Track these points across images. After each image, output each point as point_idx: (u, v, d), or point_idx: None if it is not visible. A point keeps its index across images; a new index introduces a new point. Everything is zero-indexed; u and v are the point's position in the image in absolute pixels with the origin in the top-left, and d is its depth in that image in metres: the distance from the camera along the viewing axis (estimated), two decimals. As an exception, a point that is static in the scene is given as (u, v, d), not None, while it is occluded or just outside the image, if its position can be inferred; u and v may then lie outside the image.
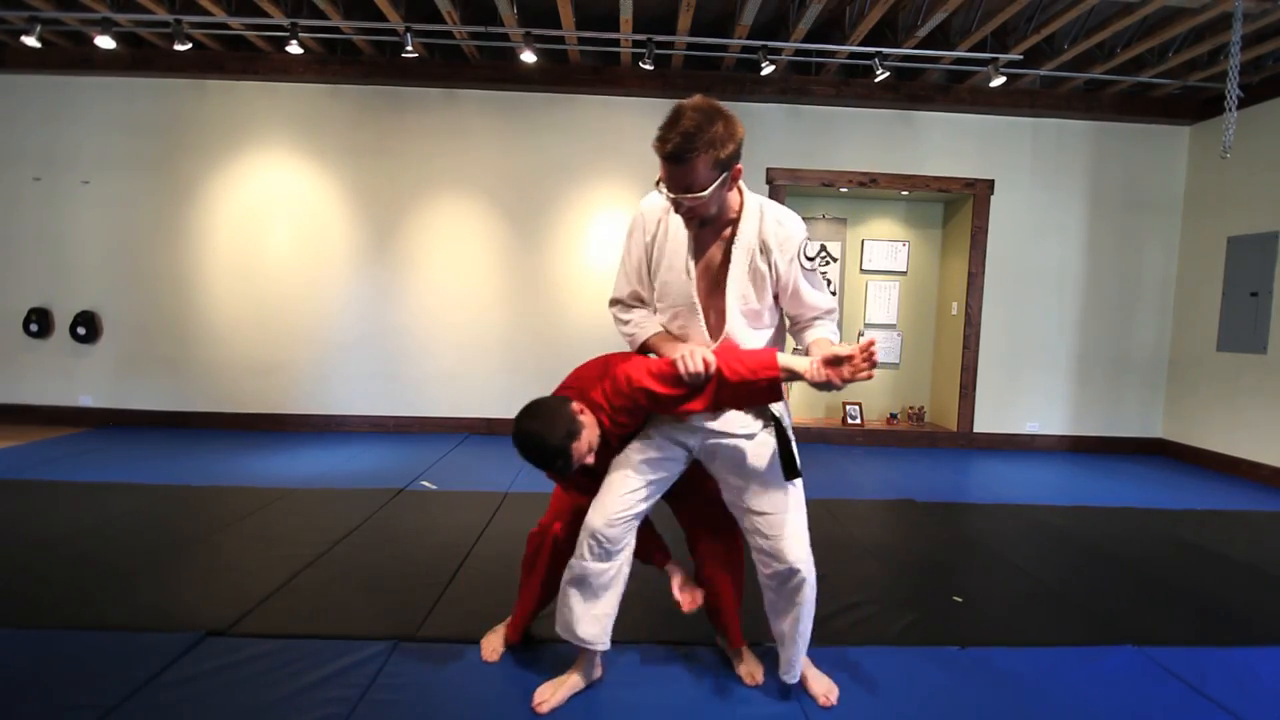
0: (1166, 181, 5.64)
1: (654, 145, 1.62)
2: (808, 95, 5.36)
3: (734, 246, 1.77)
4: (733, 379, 1.70)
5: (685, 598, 1.96)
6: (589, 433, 1.76)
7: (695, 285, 1.80)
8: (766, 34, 4.88)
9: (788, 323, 1.94)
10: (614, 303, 1.99)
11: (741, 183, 1.76)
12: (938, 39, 4.81)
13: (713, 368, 1.70)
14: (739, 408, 1.80)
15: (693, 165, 1.58)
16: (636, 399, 1.75)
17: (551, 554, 2.05)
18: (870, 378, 1.65)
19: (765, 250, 1.77)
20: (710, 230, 1.80)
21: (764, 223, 1.77)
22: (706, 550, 2.05)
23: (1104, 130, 5.58)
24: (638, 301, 1.94)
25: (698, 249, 1.81)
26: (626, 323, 1.94)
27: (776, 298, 1.84)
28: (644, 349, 1.91)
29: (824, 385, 1.66)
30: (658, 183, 1.67)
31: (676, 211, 1.73)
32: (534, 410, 1.76)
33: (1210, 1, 3.85)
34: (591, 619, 1.85)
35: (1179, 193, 5.65)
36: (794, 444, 1.84)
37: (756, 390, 1.71)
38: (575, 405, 1.77)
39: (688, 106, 1.61)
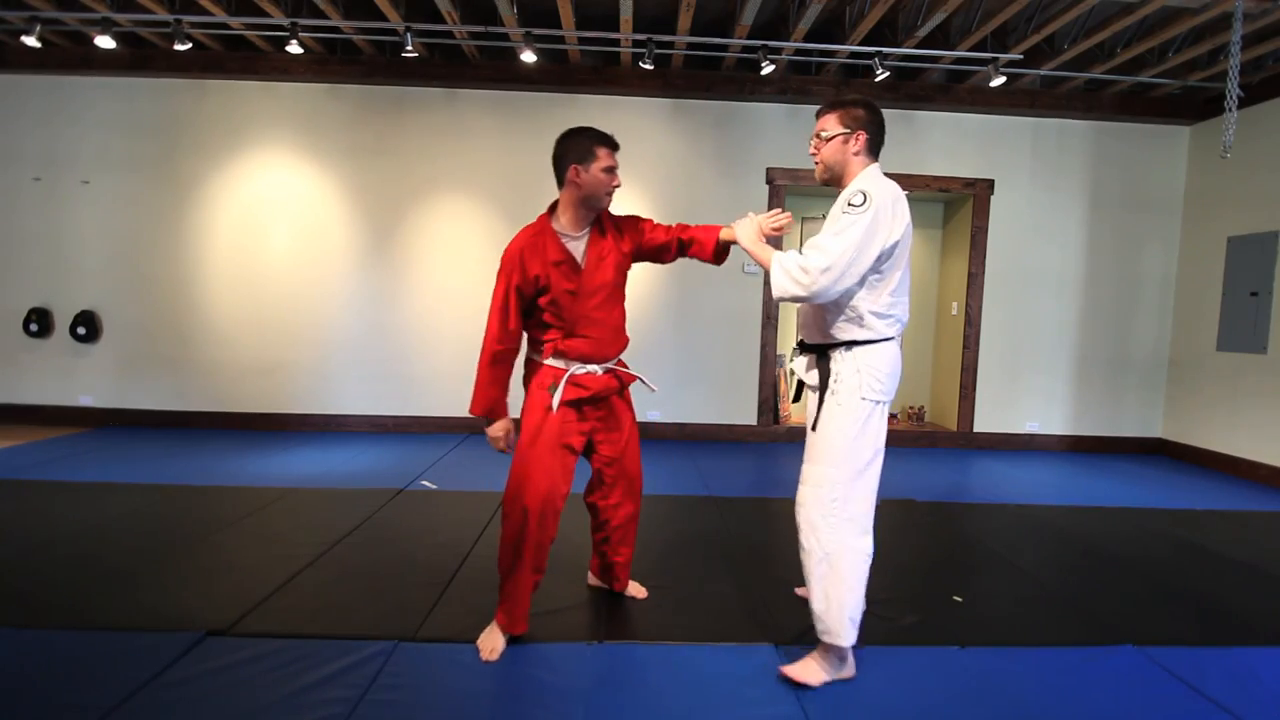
0: (1166, 181, 5.64)
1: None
2: (808, 95, 5.36)
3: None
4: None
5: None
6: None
7: None
8: (766, 34, 4.88)
9: None
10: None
11: (876, 173, 2.06)
12: (938, 39, 4.81)
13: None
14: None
15: (824, 117, 2.10)
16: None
17: (538, 528, 2.10)
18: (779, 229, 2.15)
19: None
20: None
21: (858, 183, 2.02)
22: (617, 500, 2.40)
23: (1104, 130, 5.58)
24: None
25: None
26: None
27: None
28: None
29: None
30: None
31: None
32: None
33: (1210, 1, 3.85)
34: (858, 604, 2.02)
35: (1179, 193, 5.65)
36: (827, 405, 2.00)
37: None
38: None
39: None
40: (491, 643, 2.13)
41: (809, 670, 2.01)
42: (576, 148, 2.12)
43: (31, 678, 1.89)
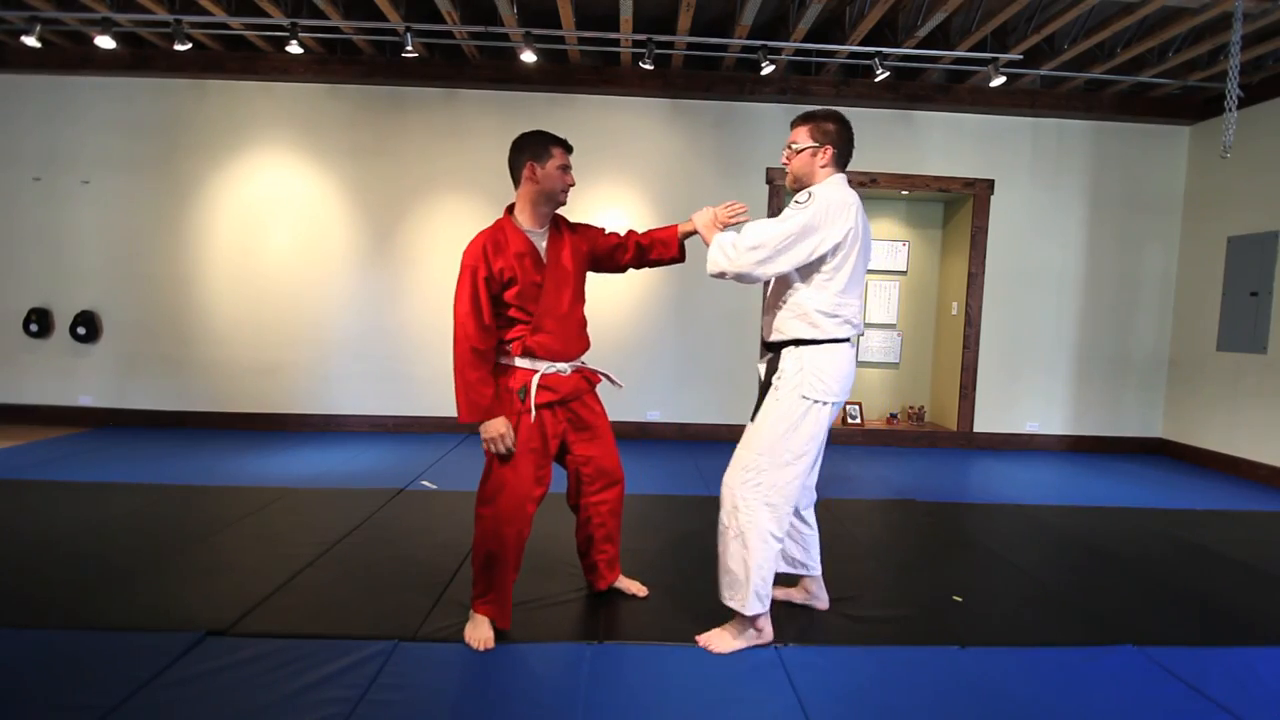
0: (1166, 181, 5.64)
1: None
2: (808, 95, 5.36)
3: None
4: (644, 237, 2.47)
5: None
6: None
7: None
8: (766, 34, 4.88)
9: None
10: None
11: (841, 182, 2.15)
12: (938, 39, 4.81)
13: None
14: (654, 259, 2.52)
15: (796, 129, 2.20)
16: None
17: (514, 532, 2.17)
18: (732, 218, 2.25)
19: None
20: None
21: (816, 187, 2.13)
22: (598, 496, 2.39)
23: (1104, 130, 5.58)
24: None
25: None
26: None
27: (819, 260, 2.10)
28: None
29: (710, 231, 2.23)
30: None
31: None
32: None
33: (1210, 1, 3.85)
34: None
35: (1179, 193, 5.65)
36: (767, 398, 2.14)
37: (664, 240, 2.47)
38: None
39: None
40: (480, 634, 2.15)
41: (721, 639, 2.17)
42: (532, 146, 2.19)
43: (31, 678, 1.89)
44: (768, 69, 4.78)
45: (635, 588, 2.55)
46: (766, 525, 2.08)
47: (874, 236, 6.15)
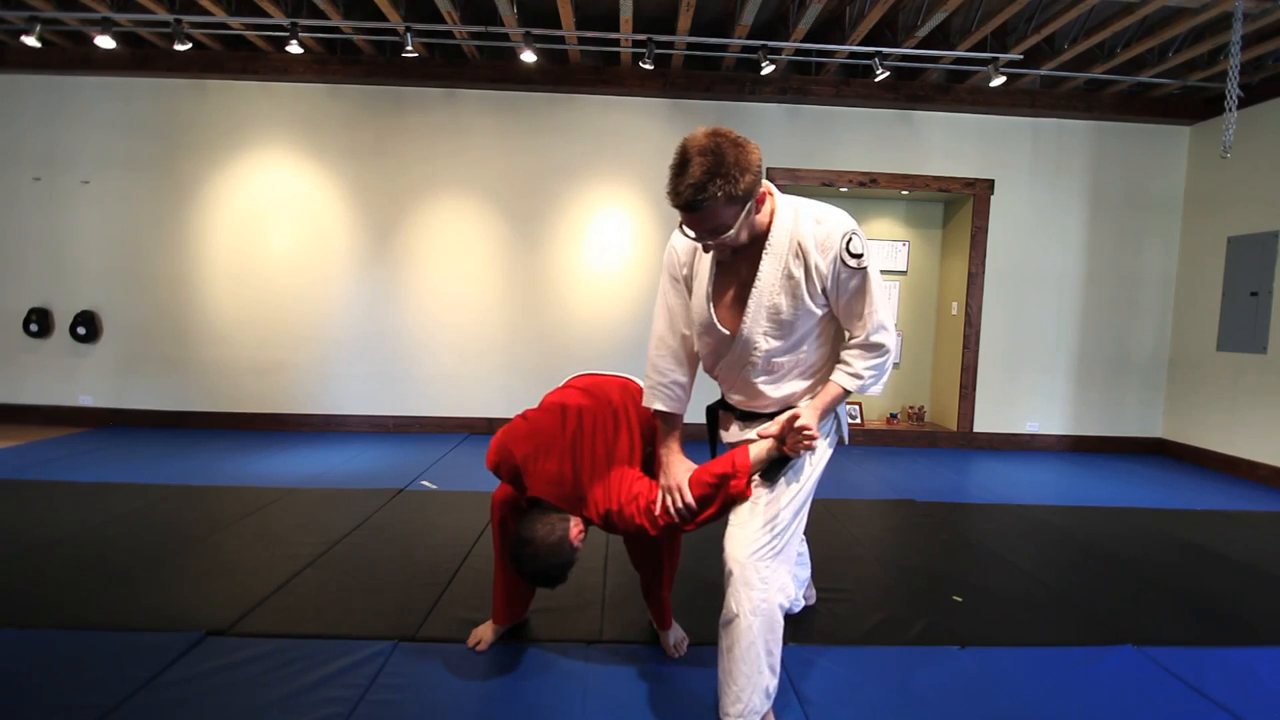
0: (1166, 181, 5.64)
1: (668, 196, 1.54)
2: (808, 95, 5.36)
3: (764, 255, 1.65)
4: (709, 510, 1.82)
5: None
6: (578, 540, 1.85)
7: (713, 310, 1.75)
8: (766, 34, 4.88)
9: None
10: (657, 341, 1.93)
11: (774, 189, 1.69)
12: (938, 39, 4.81)
13: (692, 506, 1.81)
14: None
15: (712, 211, 1.51)
16: (629, 527, 1.86)
17: (499, 522, 2.11)
18: (811, 447, 1.72)
19: (802, 253, 1.63)
20: (743, 254, 1.70)
21: (799, 224, 1.65)
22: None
23: (1104, 130, 5.58)
24: (679, 345, 1.92)
25: (730, 272, 1.73)
26: (649, 378, 1.98)
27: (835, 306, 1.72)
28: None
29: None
30: (680, 225, 1.61)
31: (706, 250, 1.66)
32: (534, 551, 1.80)
33: (1210, 1, 3.85)
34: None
35: (1179, 193, 5.65)
36: (796, 460, 1.78)
37: (730, 502, 1.80)
38: (572, 529, 1.84)
39: (694, 150, 1.50)
40: (480, 634, 2.16)
41: None
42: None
43: (31, 678, 1.89)
44: (768, 69, 4.78)
45: (671, 640, 2.19)
46: (787, 579, 1.72)
47: (874, 236, 6.17)
